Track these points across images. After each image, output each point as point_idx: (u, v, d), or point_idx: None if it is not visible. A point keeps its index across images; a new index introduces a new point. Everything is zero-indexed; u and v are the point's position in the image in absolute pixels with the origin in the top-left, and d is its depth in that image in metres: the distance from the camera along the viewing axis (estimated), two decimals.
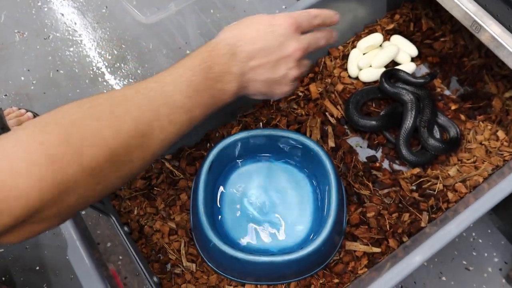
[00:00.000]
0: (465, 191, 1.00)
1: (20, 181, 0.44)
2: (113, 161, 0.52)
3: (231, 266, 0.91)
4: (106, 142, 0.51)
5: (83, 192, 0.50)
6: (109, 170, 0.52)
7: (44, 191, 0.46)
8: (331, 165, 0.93)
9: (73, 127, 0.50)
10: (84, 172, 0.49)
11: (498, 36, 0.90)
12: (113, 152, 0.52)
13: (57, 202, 0.48)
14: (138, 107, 0.55)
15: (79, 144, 0.49)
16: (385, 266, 0.88)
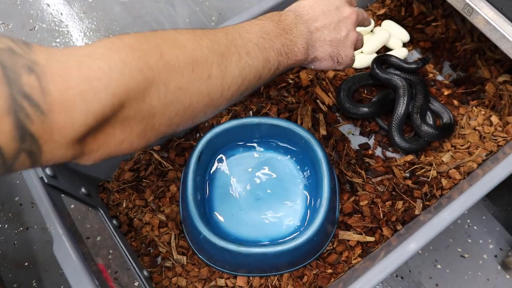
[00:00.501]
0: (459, 178, 0.98)
1: (102, 63, 0.44)
2: (192, 67, 0.52)
3: (222, 258, 0.89)
4: (185, 48, 0.52)
5: (165, 92, 0.50)
6: (189, 76, 0.52)
7: (127, 76, 0.45)
8: (322, 153, 0.91)
9: (152, 34, 0.51)
10: (164, 67, 0.49)
11: (490, 19, 0.88)
12: (192, 58, 0.52)
13: (139, 97, 0.47)
14: (214, 34, 0.57)
15: (158, 42, 0.50)
16: (379, 255, 0.86)
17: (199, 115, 0.56)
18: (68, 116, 0.42)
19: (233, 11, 1.59)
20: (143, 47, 0.48)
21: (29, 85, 0.39)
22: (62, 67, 0.42)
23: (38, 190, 0.80)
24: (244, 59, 0.59)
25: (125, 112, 0.47)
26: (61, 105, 0.41)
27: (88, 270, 0.76)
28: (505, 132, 1.02)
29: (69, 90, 0.41)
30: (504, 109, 1.03)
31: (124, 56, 0.46)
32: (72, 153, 0.45)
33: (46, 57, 0.42)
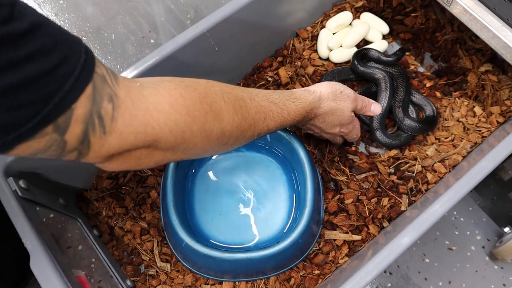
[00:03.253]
0: (444, 171, 0.97)
1: (161, 118, 0.54)
2: (218, 138, 0.63)
3: (206, 264, 0.87)
4: (222, 121, 0.63)
5: (190, 149, 0.61)
6: (213, 143, 0.63)
7: (172, 134, 0.56)
8: (304, 153, 0.89)
9: (205, 98, 0.61)
10: (200, 134, 0.60)
11: (470, 9, 0.87)
12: (222, 132, 0.63)
13: (173, 147, 0.58)
14: (246, 115, 0.68)
15: (207, 111, 0.60)
16: (366, 254, 0.85)
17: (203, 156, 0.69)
18: (118, 142, 0.52)
19: (208, 8, 1.56)
20: (195, 114, 0.59)
21: (105, 110, 0.49)
22: (133, 107, 0.52)
23: (12, 204, 0.77)
24: (253, 137, 0.72)
25: (156, 149, 0.57)
26: (118, 134, 0.52)
27: (67, 285, 0.74)
28: (489, 122, 1.01)
29: (129, 128, 0.52)
30: (487, 99, 1.02)
31: (179, 118, 0.56)
32: (103, 162, 0.55)
33: (125, 94, 0.52)
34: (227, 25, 0.95)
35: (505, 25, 0.84)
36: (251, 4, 0.96)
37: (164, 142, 0.56)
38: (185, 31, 0.92)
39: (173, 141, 0.57)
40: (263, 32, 1.06)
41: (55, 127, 0.46)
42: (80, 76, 0.46)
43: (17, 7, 0.41)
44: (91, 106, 0.48)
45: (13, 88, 0.41)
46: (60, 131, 0.47)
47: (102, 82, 0.49)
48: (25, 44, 0.41)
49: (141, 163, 0.58)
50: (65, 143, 0.48)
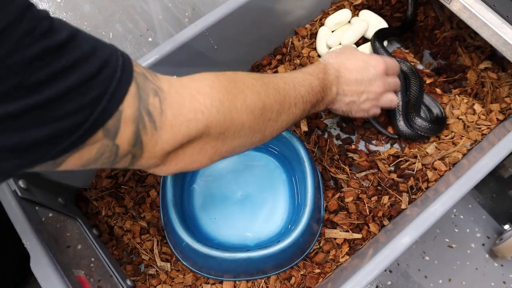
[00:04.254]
0: (444, 169, 0.97)
1: (206, 100, 0.55)
2: (262, 111, 0.63)
3: (206, 264, 0.87)
4: (260, 94, 0.63)
5: (239, 130, 0.61)
6: (258, 118, 0.63)
7: (220, 114, 0.56)
8: (304, 151, 0.89)
9: (236, 78, 0.62)
10: (245, 110, 0.60)
11: (470, 6, 0.86)
12: (263, 104, 0.64)
13: (222, 130, 0.58)
14: (276, 82, 0.68)
15: (243, 88, 0.61)
16: (367, 253, 0.85)
17: (251, 147, 0.67)
18: (172, 135, 0.52)
19: (206, 6, 1.56)
20: (234, 91, 0.59)
21: (152, 105, 0.50)
22: (178, 97, 0.53)
23: (11, 204, 0.77)
24: (292, 109, 0.70)
25: (207, 139, 0.57)
26: (170, 127, 0.52)
27: (67, 285, 0.74)
28: (489, 120, 1.00)
29: (180, 117, 0.52)
30: (487, 97, 1.02)
31: (222, 96, 0.57)
32: (157, 163, 0.56)
33: (168, 86, 0.53)
34: (226, 23, 0.95)
35: (505, 22, 0.84)
36: (250, 2, 0.95)
37: (215, 126, 0.56)
38: (184, 30, 0.92)
39: (222, 122, 0.57)
40: (262, 30, 1.06)
41: (105, 132, 0.46)
42: (122, 77, 0.47)
43: (54, 20, 0.42)
44: (138, 104, 0.48)
45: (60, 97, 0.41)
46: (111, 136, 0.47)
47: (144, 79, 0.50)
48: (67, 54, 0.42)
49: (194, 160, 0.59)
50: (117, 148, 0.49)
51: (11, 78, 0.38)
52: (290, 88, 0.70)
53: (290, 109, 0.70)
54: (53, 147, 0.43)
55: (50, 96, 0.40)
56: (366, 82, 0.83)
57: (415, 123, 0.99)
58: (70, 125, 0.43)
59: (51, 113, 0.41)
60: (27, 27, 0.39)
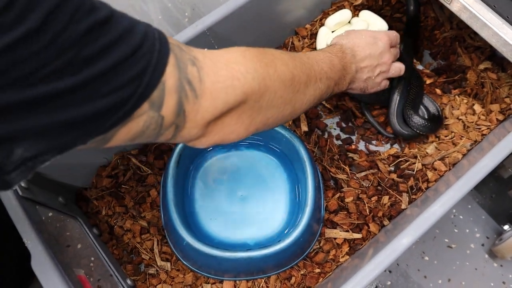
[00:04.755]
0: (444, 169, 0.97)
1: (241, 68, 0.57)
2: (291, 82, 0.65)
3: (207, 263, 0.87)
4: (288, 65, 0.65)
5: (272, 98, 0.62)
6: (288, 88, 0.65)
7: (255, 80, 0.58)
8: (305, 151, 0.89)
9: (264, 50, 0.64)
10: (277, 78, 0.62)
11: (470, 6, 0.86)
12: (292, 74, 0.65)
13: (257, 98, 0.60)
14: (301, 58, 0.70)
15: (272, 58, 0.63)
16: (367, 253, 0.85)
17: (282, 121, 0.69)
18: (211, 102, 0.54)
19: (206, 6, 1.56)
20: (265, 60, 0.61)
21: (191, 74, 0.52)
22: (214, 65, 0.55)
23: (12, 203, 0.77)
24: (317, 83, 0.72)
25: (243, 107, 0.59)
26: (210, 94, 0.53)
27: (68, 284, 0.74)
28: (489, 120, 1.01)
29: (218, 84, 0.54)
30: (487, 97, 1.02)
31: (255, 65, 0.59)
32: (199, 134, 0.57)
33: (202, 56, 0.54)
34: (227, 23, 0.95)
35: (505, 22, 0.84)
36: (251, 2, 0.95)
37: (250, 93, 0.58)
38: (184, 30, 0.92)
39: (257, 90, 0.59)
40: (263, 30, 1.06)
41: (151, 104, 0.48)
42: (161, 49, 0.48)
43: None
44: (178, 74, 0.50)
45: (112, 70, 0.43)
46: (156, 107, 0.49)
47: (180, 50, 0.52)
48: (113, 28, 0.43)
49: (232, 131, 0.60)
50: (162, 119, 0.50)
51: (67, 53, 0.40)
52: (313, 63, 0.72)
53: (316, 83, 0.72)
54: (106, 120, 0.45)
55: (103, 69, 0.42)
56: (377, 56, 0.87)
57: (412, 120, 0.99)
58: (121, 98, 0.44)
59: (104, 87, 0.43)
60: (76, 4, 0.40)
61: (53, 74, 0.39)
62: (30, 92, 0.39)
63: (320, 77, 0.72)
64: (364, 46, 0.86)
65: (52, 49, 0.39)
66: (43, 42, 0.38)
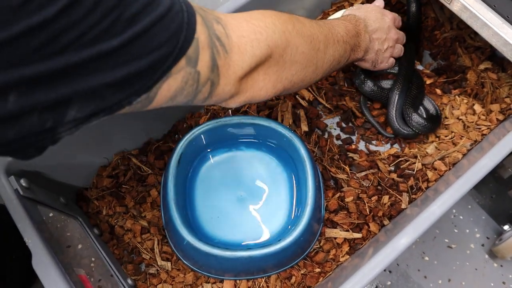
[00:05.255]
0: (444, 169, 0.97)
1: (261, 23, 0.61)
2: (311, 39, 0.69)
3: (207, 263, 0.87)
4: (305, 25, 0.69)
5: (294, 53, 0.66)
6: (308, 45, 0.68)
7: (276, 34, 0.62)
8: (305, 151, 0.89)
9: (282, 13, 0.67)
10: (296, 34, 0.65)
11: (470, 6, 0.87)
12: (310, 32, 0.69)
13: (280, 52, 0.63)
14: (316, 21, 0.74)
15: (289, 16, 0.67)
16: (367, 252, 0.85)
17: (306, 80, 0.72)
18: (240, 56, 0.58)
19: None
20: (283, 17, 0.65)
21: (218, 30, 0.55)
22: (236, 22, 0.58)
23: (14, 203, 0.77)
24: (335, 45, 0.75)
25: (269, 62, 0.63)
26: (237, 48, 0.57)
27: (70, 283, 0.74)
28: (489, 120, 1.01)
29: (243, 38, 0.58)
30: (487, 97, 1.02)
31: (274, 20, 0.62)
32: (232, 91, 0.60)
33: (224, 16, 0.58)
34: None
35: (505, 22, 0.84)
36: (251, 3, 0.95)
37: (274, 46, 0.61)
38: None
39: (280, 43, 0.62)
40: None
41: (188, 60, 0.51)
42: (188, 10, 0.50)
43: None
44: (207, 31, 0.53)
45: (153, 28, 0.45)
46: (192, 63, 0.51)
47: (203, 11, 0.54)
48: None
49: (261, 87, 0.64)
50: (198, 75, 0.53)
51: (112, 14, 0.42)
52: (330, 27, 0.76)
53: (334, 45, 0.75)
54: (149, 78, 0.48)
55: (145, 28, 0.44)
56: (386, 30, 0.93)
57: (411, 119, 0.99)
58: (161, 55, 0.47)
59: (146, 45, 0.45)
60: None
61: (99, 36, 0.41)
62: (78, 55, 0.40)
63: (337, 39, 0.76)
64: (374, 19, 0.90)
65: (97, 12, 0.41)
66: (89, 6, 0.40)
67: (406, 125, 1.00)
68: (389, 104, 1.02)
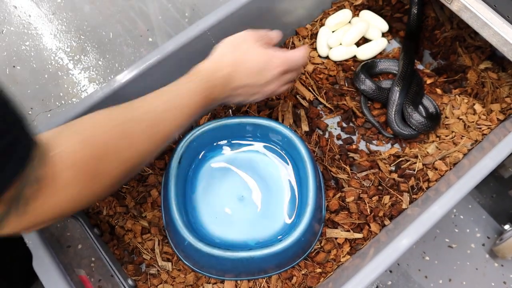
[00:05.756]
0: (445, 169, 0.97)
1: (68, 196, 0.57)
2: (127, 173, 0.65)
3: (208, 263, 0.87)
4: (124, 161, 0.64)
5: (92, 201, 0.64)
6: (123, 178, 0.65)
7: (77, 201, 0.59)
8: (306, 151, 0.89)
9: (100, 148, 0.61)
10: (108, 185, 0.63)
11: (471, 6, 0.87)
12: (128, 168, 0.65)
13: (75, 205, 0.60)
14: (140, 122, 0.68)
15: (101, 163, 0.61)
16: (368, 252, 0.85)
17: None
18: (32, 222, 0.56)
19: (206, 6, 1.56)
20: (96, 179, 0.60)
21: (26, 193, 0.51)
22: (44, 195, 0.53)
23: None
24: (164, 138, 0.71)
25: None
26: (34, 216, 0.55)
27: (70, 284, 0.74)
28: (489, 120, 1.01)
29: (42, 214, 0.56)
30: (487, 97, 1.02)
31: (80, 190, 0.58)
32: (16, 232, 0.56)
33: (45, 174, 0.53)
34: (228, 23, 0.95)
35: (506, 22, 0.84)
36: (251, 2, 0.96)
37: (70, 209, 0.59)
38: (186, 30, 0.92)
39: (77, 204, 0.60)
40: (263, 29, 1.06)
41: None
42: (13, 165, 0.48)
43: None
44: (15, 192, 0.50)
45: None
46: None
47: (30, 168, 0.51)
48: None
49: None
50: None
51: None
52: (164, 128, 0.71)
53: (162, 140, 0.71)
54: None
55: None
56: (260, 85, 0.83)
57: (412, 117, 0.99)
58: None
59: None
60: None
61: None
62: None
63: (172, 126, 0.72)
64: (248, 73, 0.81)
65: None
66: None
67: (406, 126, 1.00)
68: (389, 105, 1.02)
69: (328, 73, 1.10)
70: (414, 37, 1.11)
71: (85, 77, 1.46)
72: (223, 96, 0.81)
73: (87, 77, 1.46)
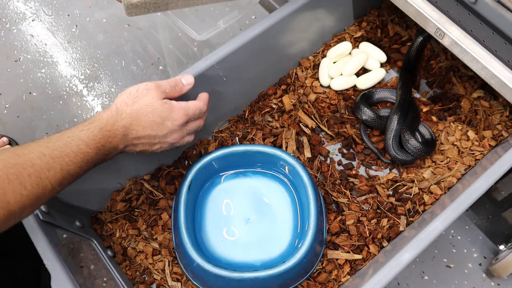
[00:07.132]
0: (440, 193, 1.02)
1: None
2: (14, 215, 0.67)
3: (216, 284, 0.92)
4: (7, 203, 0.66)
5: None
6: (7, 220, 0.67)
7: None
8: (308, 178, 0.95)
9: None
10: None
11: (460, 42, 0.92)
12: (14, 210, 0.67)
13: None
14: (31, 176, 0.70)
15: None
16: (367, 273, 0.89)
17: None
18: None
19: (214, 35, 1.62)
20: None
21: None
22: None
23: (33, 227, 0.82)
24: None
25: None
26: None
27: None
28: (482, 146, 1.06)
29: None
30: (480, 124, 1.07)
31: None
32: None
33: None
34: (235, 57, 1.01)
35: (493, 56, 0.89)
36: (257, 36, 1.01)
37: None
38: (195, 64, 0.97)
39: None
40: (268, 61, 1.11)
41: None
42: None
43: None
44: None
45: None
46: None
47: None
48: None
49: None
50: None
51: None
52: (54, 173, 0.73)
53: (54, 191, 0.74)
54: None
55: None
56: (160, 137, 0.86)
57: (409, 142, 1.04)
58: None
59: None
60: None
61: None
62: None
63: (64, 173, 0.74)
64: (145, 126, 0.83)
65: None
66: None
67: (403, 151, 1.05)
68: (387, 131, 1.07)
69: (330, 102, 1.16)
70: (412, 68, 1.16)
71: (98, 104, 1.51)
72: (123, 146, 0.84)
73: (100, 104, 1.52)
